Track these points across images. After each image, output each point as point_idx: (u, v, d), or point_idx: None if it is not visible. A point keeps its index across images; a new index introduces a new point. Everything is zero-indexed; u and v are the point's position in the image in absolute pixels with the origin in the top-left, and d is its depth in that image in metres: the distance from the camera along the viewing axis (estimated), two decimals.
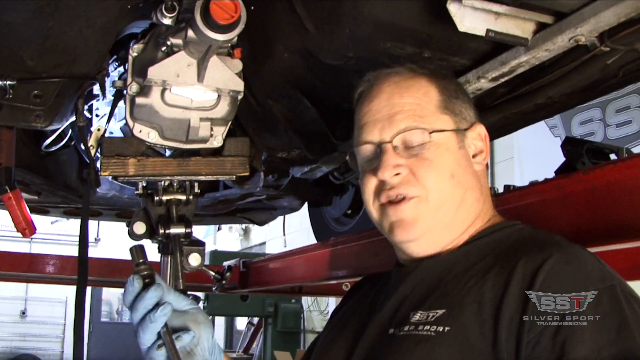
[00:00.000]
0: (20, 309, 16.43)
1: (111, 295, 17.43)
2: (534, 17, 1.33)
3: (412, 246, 1.39)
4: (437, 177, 1.34)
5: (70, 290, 14.91)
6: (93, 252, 14.48)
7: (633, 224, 1.34)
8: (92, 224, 15.74)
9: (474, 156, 1.41)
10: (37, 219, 2.32)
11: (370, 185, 1.40)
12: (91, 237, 15.91)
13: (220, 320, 14.99)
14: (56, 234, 14.95)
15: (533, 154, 5.13)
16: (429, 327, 1.23)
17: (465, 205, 1.37)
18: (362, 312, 1.48)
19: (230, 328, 15.42)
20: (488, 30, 1.30)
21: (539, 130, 5.12)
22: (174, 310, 1.32)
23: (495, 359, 1.15)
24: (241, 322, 13.63)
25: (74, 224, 2.80)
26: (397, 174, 1.35)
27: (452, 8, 1.28)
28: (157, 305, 1.30)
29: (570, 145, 1.90)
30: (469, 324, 1.20)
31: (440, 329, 1.22)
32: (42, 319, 16.44)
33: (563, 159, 2.01)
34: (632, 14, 1.19)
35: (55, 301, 16.32)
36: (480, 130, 1.42)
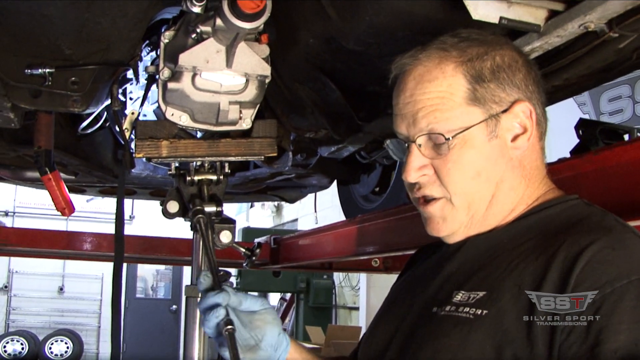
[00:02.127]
0: (58, 285, 16.68)
1: (146, 272, 17.67)
2: (545, 5, 1.36)
3: (448, 239, 1.38)
4: (461, 178, 1.30)
5: (106, 267, 15.11)
6: (128, 230, 14.67)
7: None
8: (127, 202, 15.86)
9: (514, 138, 1.31)
10: (73, 197, 2.41)
11: (405, 180, 1.37)
12: (126, 214, 16.16)
13: None
14: (91, 212, 15.14)
15: (562, 131, 5.12)
16: (468, 309, 1.22)
17: (499, 199, 1.32)
18: (413, 286, 1.48)
19: None
20: (501, 18, 1.34)
21: (568, 108, 5.07)
22: (243, 311, 1.43)
23: (530, 345, 1.12)
24: (274, 298, 13.76)
25: (109, 202, 2.90)
26: (423, 174, 1.33)
27: None
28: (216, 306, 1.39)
29: (584, 126, 1.92)
30: (506, 308, 1.17)
31: (479, 312, 1.20)
32: (80, 294, 16.69)
33: None
34: (639, 2, 1.23)
35: (91, 277, 16.55)
36: (521, 107, 1.31)
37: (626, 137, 1.97)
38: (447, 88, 1.29)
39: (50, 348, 15.43)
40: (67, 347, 15.58)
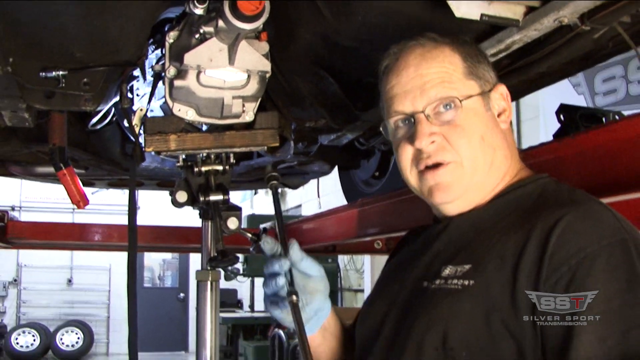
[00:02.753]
0: (66, 277, 16.82)
1: (152, 261, 17.82)
2: (522, 2, 1.46)
3: (448, 207, 1.46)
4: (470, 142, 1.40)
5: (114, 258, 15.28)
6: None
7: (616, 182, 1.48)
8: None
9: (498, 115, 1.46)
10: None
11: (406, 154, 1.46)
12: None
13: (259, 282, 15.26)
14: (97, 205, 15.28)
15: None
16: (457, 281, 1.31)
17: (496, 164, 1.43)
18: (403, 266, 1.57)
19: None
20: (482, 15, 1.44)
21: (563, 89, 5.14)
22: (300, 272, 1.53)
23: (515, 310, 1.21)
24: None
25: (114, 194, 3.01)
26: (432, 142, 1.40)
27: None
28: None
29: (564, 111, 2.02)
30: (491, 279, 1.27)
31: (466, 282, 1.29)
32: (88, 286, 16.83)
33: None
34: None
35: (100, 269, 16.68)
36: (502, 90, 1.48)
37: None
38: (449, 65, 1.42)
39: (61, 339, 15.61)
40: (78, 338, 15.76)
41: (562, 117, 2.00)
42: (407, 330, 1.37)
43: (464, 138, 1.40)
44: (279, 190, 1.87)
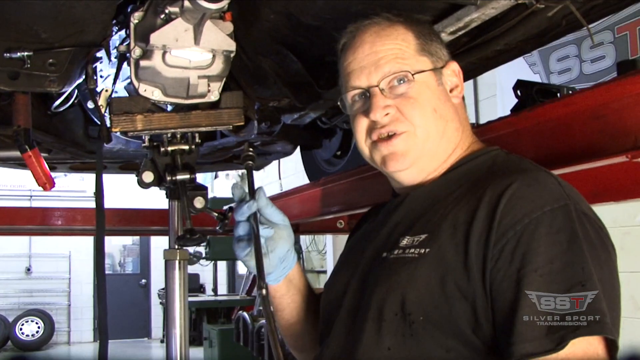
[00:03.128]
0: (25, 265, 16.59)
1: (112, 247, 17.67)
2: None
3: (402, 175, 1.55)
4: (422, 113, 1.48)
5: (74, 245, 15.06)
6: (93, 206, 14.66)
7: (569, 152, 1.55)
8: (90, 177, 15.84)
9: (451, 91, 1.55)
10: (31, 176, 2.49)
11: (361, 125, 1.54)
12: (90, 191, 16.10)
13: (222, 265, 15.27)
14: (54, 191, 15.10)
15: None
16: (414, 250, 1.39)
17: (447, 135, 1.51)
18: (365, 239, 1.65)
19: (232, 272, 15.70)
20: None
21: (519, 68, 5.25)
22: (265, 218, 1.61)
23: (467, 273, 1.29)
24: (242, 267, 13.89)
25: (71, 180, 3.00)
26: (386, 114, 1.49)
27: None
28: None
29: (521, 87, 2.09)
30: (445, 246, 1.34)
31: (422, 251, 1.37)
32: (48, 274, 16.64)
33: None
34: None
35: (59, 256, 16.49)
36: (454, 67, 1.57)
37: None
38: (402, 42, 1.51)
39: (21, 329, 15.42)
40: (39, 327, 15.59)
41: (519, 92, 2.07)
42: (368, 298, 1.43)
43: (417, 109, 1.49)
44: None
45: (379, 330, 1.37)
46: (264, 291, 1.44)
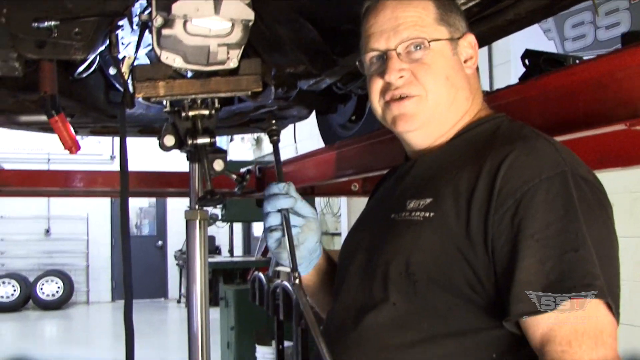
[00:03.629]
0: (44, 227, 16.84)
1: (129, 209, 17.84)
2: None
3: (411, 136, 1.63)
4: (435, 79, 1.55)
5: (92, 207, 15.24)
6: (109, 169, 14.83)
7: (573, 119, 1.62)
8: (107, 141, 16.03)
9: (465, 61, 1.61)
10: (52, 142, 2.58)
11: (376, 86, 1.61)
12: (107, 154, 16.28)
13: (238, 227, 15.41)
14: (69, 155, 15.21)
15: None
16: (419, 213, 1.47)
17: (457, 103, 1.58)
18: (379, 202, 1.78)
19: (247, 234, 15.84)
20: None
21: (533, 34, 5.22)
22: (296, 213, 1.66)
23: (468, 239, 1.37)
24: (258, 229, 14.02)
25: (87, 142, 3.09)
26: (401, 77, 1.55)
27: None
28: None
29: (529, 56, 2.14)
30: (448, 210, 1.42)
31: (427, 214, 1.45)
32: (66, 236, 16.88)
33: None
34: None
35: (77, 218, 16.72)
36: (470, 39, 1.63)
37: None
38: (422, 10, 1.57)
39: (41, 289, 15.74)
40: (58, 287, 15.90)
41: (526, 61, 2.12)
42: (376, 258, 1.53)
43: (430, 75, 1.55)
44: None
45: (385, 287, 1.47)
46: (297, 280, 1.55)
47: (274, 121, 1.88)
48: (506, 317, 1.31)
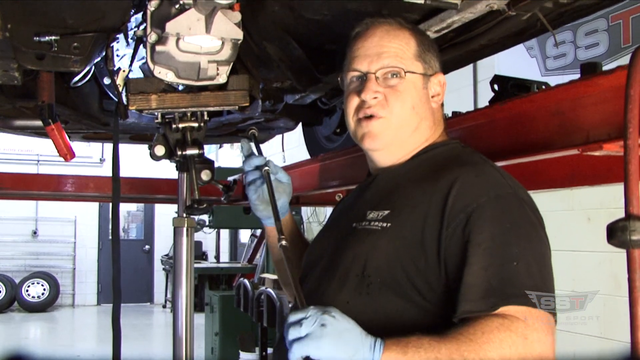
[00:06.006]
0: (31, 229, 16.80)
1: None
2: None
3: (376, 155, 1.83)
4: (402, 105, 1.75)
5: (80, 210, 15.12)
6: (99, 172, 14.86)
7: (533, 143, 1.74)
8: (97, 144, 16.02)
9: (433, 96, 1.80)
10: (42, 144, 2.66)
11: (353, 102, 1.80)
12: (96, 157, 16.29)
13: (225, 234, 15.46)
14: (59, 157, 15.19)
15: (512, 72, 5.45)
16: (377, 223, 1.66)
17: (420, 130, 1.78)
18: (343, 211, 1.96)
19: (234, 240, 15.88)
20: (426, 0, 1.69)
21: (517, 52, 5.39)
22: (276, 179, 1.95)
23: (422, 249, 1.54)
24: (245, 235, 14.07)
25: (77, 145, 3.19)
26: (375, 97, 1.74)
27: None
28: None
29: (498, 81, 2.28)
30: (404, 222, 1.60)
31: (385, 224, 1.63)
32: (54, 237, 16.85)
33: (538, 75, 2.36)
34: None
35: (65, 220, 16.69)
36: (440, 78, 1.82)
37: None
38: (405, 44, 1.77)
39: (27, 290, 15.70)
40: (44, 289, 15.86)
41: (495, 86, 2.26)
42: (337, 261, 1.70)
43: (399, 101, 1.74)
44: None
45: (342, 287, 1.63)
46: (284, 242, 1.69)
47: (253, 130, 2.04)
48: (454, 315, 1.46)
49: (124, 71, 2.34)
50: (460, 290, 1.45)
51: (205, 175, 2.20)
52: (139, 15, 2.42)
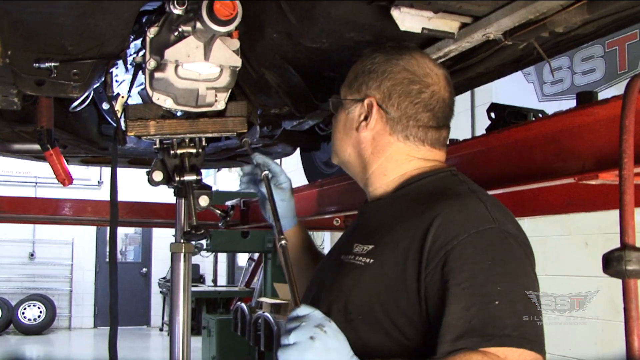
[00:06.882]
0: (28, 251, 16.76)
1: None
2: (457, 19, 1.71)
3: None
4: (333, 135, 1.86)
5: (77, 232, 15.10)
6: (96, 194, 14.86)
7: (530, 171, 1.75)
8: (96, 169, 16.04)
9: (362, 121, 1.74)
10: (40, 166, 2.68)
11: None
12: (95, 180, 16.30)
13: (222, 257, 15.43)
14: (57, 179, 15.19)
15: (509, 98, 5.49)
16: (362, 257, 1.62)
17: (365, 158, 1.76)
18: (340, 241, 1.91)
19: (232, 264, 15.86)
20: (423, 29, 1.69)
21: (514, 77, 5.43)
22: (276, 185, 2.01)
23: (404, 288, 1.49)
24: (242, 259, 14.04)
25: (75, 167, 3.20)
26: None
27: (394, 13, 1.66)
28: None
29: (494, 109, 2.29)
30: (386, 258, 1.56)
31: (368, 260, 1.59)
32: (51, 260, 16.80)
33: (535, 101, 2.38)
34: (523, 20, 1.60)
35: (62, 243, 16.66)
36: (368, 100, 1.72)
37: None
38: (352, 70, 1.83)
39: (23, 313, 15.64)
40: (40, 312, 15.80)
41: (492, 114, 2.27)
42: (324, 293, 1.69)
43: (333, 131, 1.91)
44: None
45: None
46: (283, 242, 1.69)
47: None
48: (434, 357, 1.42)
49: (122, 97, 2.35)
50: (440, 331, 1.42)
51: (203, 201, 2.20)
52: (138, 42, 2.44)
